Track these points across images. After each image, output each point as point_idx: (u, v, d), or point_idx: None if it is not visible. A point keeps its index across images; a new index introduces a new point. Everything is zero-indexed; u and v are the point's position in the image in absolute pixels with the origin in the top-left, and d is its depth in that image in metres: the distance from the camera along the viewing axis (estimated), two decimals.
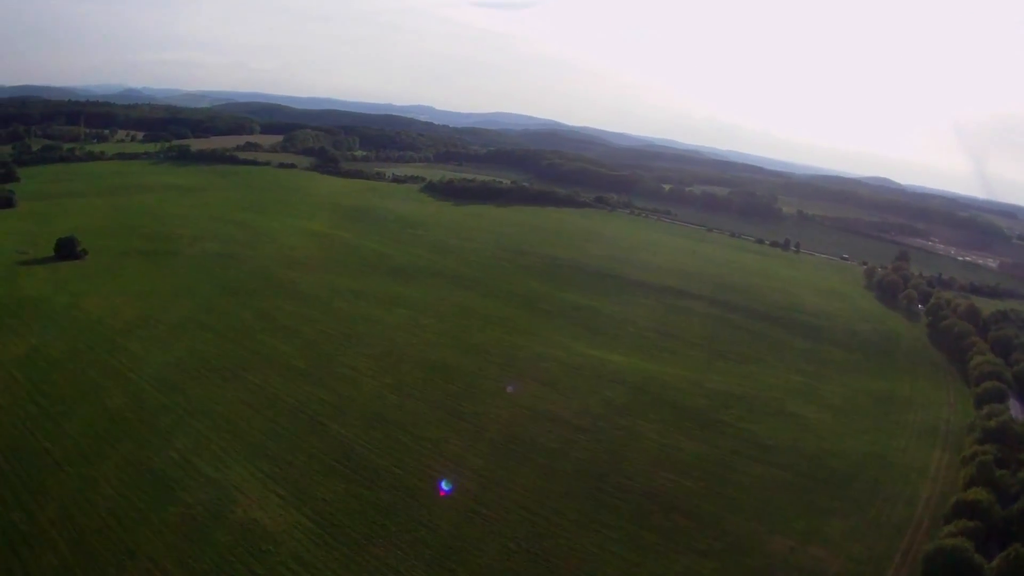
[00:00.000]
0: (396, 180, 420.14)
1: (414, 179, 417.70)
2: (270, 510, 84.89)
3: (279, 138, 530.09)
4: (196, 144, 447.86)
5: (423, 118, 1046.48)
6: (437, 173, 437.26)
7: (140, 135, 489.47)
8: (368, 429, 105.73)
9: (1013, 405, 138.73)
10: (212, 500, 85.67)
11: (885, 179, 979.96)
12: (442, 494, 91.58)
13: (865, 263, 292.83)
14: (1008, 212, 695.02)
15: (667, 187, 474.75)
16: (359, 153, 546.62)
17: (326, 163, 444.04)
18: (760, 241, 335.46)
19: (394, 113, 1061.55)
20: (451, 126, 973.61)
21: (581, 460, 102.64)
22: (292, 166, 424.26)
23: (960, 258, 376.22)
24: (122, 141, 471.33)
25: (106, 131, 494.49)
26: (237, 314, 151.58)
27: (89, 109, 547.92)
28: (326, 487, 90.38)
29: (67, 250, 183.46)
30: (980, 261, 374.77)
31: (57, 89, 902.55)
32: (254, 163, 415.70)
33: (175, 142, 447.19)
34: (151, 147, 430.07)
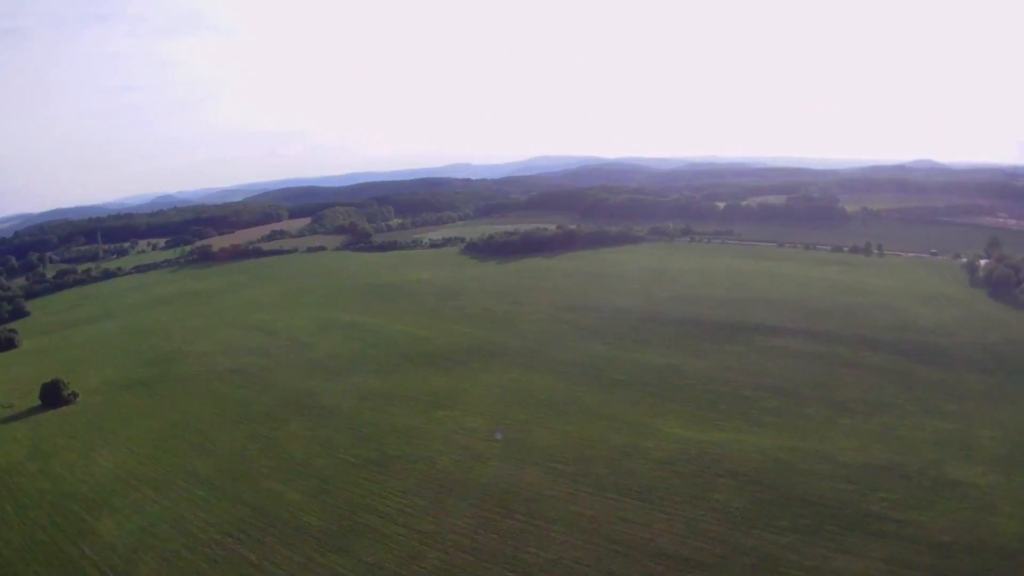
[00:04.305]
0: (433, 245, 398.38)
1: (453, 241, 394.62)
2: None
3: (308, 220, 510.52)
4: (219, 242, 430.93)
5: (461, 176, 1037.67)
6: (477, 230, 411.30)
7: (162, 242, 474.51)
8: None
9: None
10: None
11: (929, 160, 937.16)
12: None
13: (958, 256, 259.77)
14: None
15: (721, 205, 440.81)
16: (395, 222, 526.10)
17: (357, 239, 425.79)
18: (838, 249, 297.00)
19: (432, 175, 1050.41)
20: (490, 179, 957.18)
21: None
22: (321, 248, 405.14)
23: None
24: (143, 252, 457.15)
25: (126, 244, 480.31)
26: (240, 451, 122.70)
27: (108, 224, 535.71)
28: None
29: (52, 397, 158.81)
30: None
31: (88, 208, 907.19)
32: (279, 252, 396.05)
33: (197, 243, 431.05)
34: (170, 254, 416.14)
